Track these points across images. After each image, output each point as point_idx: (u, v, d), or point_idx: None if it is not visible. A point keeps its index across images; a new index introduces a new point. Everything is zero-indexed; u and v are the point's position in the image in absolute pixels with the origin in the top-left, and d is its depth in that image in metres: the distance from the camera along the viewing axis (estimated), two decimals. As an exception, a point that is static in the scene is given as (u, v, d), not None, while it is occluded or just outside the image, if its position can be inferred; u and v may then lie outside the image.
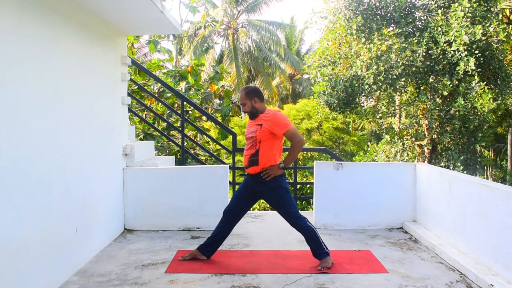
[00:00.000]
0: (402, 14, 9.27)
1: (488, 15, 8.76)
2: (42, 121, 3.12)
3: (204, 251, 3.91)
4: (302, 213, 6.00)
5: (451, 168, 9.43)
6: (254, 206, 13.36)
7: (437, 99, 9.22)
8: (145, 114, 8.42)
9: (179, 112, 6.86)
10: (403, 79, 9.15)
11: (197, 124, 8.44)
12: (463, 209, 3.98)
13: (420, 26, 9.50)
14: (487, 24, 8.50)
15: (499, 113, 13.25)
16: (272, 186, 3.68)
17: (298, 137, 3.62)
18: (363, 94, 9.56)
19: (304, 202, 12.86)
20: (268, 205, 12.90)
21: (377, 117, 11.02)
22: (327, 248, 3.79)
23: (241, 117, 22.81)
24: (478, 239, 3.69)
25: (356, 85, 9.27)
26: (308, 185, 12.79)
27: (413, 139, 10.27)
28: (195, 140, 8.12)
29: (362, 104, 10.54)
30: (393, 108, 10.77)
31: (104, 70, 4.45)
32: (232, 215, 3.87)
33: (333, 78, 9.55)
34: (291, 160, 3.67)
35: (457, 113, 8.93)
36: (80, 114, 3.76)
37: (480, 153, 11.10)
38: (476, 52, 8.43)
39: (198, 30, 22.23)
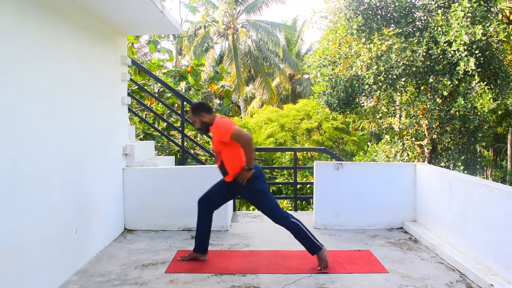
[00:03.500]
0: (402, 14, 9.27)
1: (488, 15, 8.75)
2: (42, 121, 3.12)
3: (201, 251, 3.91)
4: (302, 213, 6.04)
5: (451, 168, 9.42)
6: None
7: (437, 99, 9.21)
8: (145, 114, 8.43)
9: (179, 112, 6.86)
10: (403, 79, 9.14)
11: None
12: (463, 209, 3.98)
13: (420, 26, 9.49)
14: (487, 24, 8.50)
15: (499, 113, 13.24)
16: (248, 190, 3.72)
17: (242, 138, 3.55)
18: (363, 94, 9.56)
19: (304, 202, 12.87)
20: (268, 205, 12.89)
21: (377, 117, 11.01)
22: (318, 241, 3.77)
23: (241, 117, 22.82)
24: (478, 239, 3.69)
25: (356, 85, 9.27)
26: (308, 185, 12.79)
27: (413, 139, 10.27)
28: (195, 140, 8.11)
29: (362, 104, 10.54)
30: (393, 108, 10.77)
31: (104, 70, 4.45)
32: (206, 204, 3.90)
33: (333, 78, 9.54)
34: (250, 160, 3.61)
35: (457, 113, 8.92)
36: (80, 114, 3.76)
37: (480, 153, 11.08)
38: (476, 52, 8.42)
39: (198, 30, 22.23)
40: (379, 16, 9.49)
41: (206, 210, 3.91)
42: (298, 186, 12.24)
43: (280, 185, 14.96)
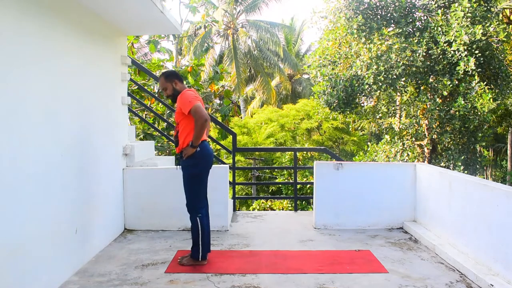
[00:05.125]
0: (402, 14, 9.27)
1: (488, 15, 8.75)
2: (42, 121, 3.12)
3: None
4: (302, 212, 6.03)
5: (451, 168, 9.42)
6: (254, 206, 13.38)
7: (437, 99, 9.21)
8: (145, 114, 8.43)
9: (179, 112, 6.84)
10: (403, 79, 9.14)
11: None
12: (463, 209, 3.98)
13: (420, 26, 9.49)
14: (487, 24, 8.49)
15: (499, 113, 13.24)
16: (184, 166, 3.76)
17: (199, 114, 3.55)
18: (363, 94, 9.55)
19: (304, 202, 12.88)
20: (268, 205, 12.92)
21: (377, 117, 11.01)
22: (204, 254, 3.76)
23: (241, 117, 22.81)
24: (478, 239, 3.69)
25: (356, 85, 9.27)
26: (308, 185, 12.80)
27: (413, 139, 10.27)
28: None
29: (362, 104, 10.54)
30: (393, 108, 10.77)
31: (104, 70, 4.45)
32: None
33: (333, 78, 9.54)
34: (196, 138, 3.62)
35: (457, 113, 8.92)
36: (80, 114, 3.76)
37: (480, 153, 11.06)
38: (476, 52, 8.42)
39: (198, 30, 22.23)
40: (379, 16, 9.49)
41: None
42: (298, 186, 12.24)
43: (280, 185, 14.99)
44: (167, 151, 7.95)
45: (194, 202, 3.76)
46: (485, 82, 8.87)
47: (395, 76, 8.75)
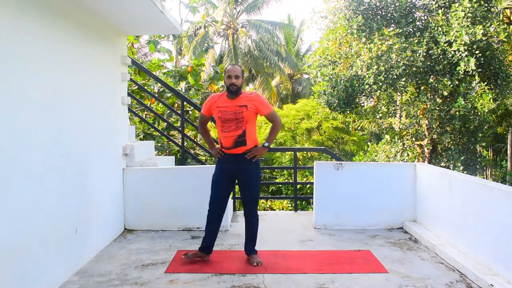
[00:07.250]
0: (402, 14, 9.26)
1: (489, 15, 8.75)
2: (42, 121, 3.12)
3: (208, 251, 3.91)
4: (302, 212, 6.04)
5: (451, 168, 9.42)
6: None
7: (437, 99, 9.21)
8: (145, 114, 8.43)
9: (179, 112, 6.86)
10: (404, 79, 9.14)
11: (197, 124, 8.42)
12: (463, 209, 3.99)
13: (421, 26, 9.49)
14: (488, 24, 8.49)
15: (499, 113, 13.24)
16: (253, 168, 3.77)
17: (279, 119, 3.86)
18: (364, 94, 9.55)
19: (304, 202, 12.87)
20: (268, 205, 12.91)
21: (377, 117, 11.01)
22: None
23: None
24: (478, 239, 3.69)
25: (357, 85, 9.27)
26: (308, 185, 12.79)
27: (413, 139, 10.27)
28: (195, 140, 8.11)
29: (362, 104, 10.53)
30: (393, 108, 10.77)
31: (104, 70, 4.45)
32: (219, 205, 3.87)
33: (333, 78, 9.54)
34: (272, 140, 3.82)
35: (457, 113, 8.92)
36: (80, 114, 3.76)
37: (480, 153, 11.05)
38: (477, 52, 8.42)
39: (198, 30, 22.22)
40: (379, 16, 9.49)
41: (219, 211, 3.88)
42: (298, 186, 12.22)
43: (280, 185, 14.97)
44: (167, 151, 7.95)
45: (257, 203, 3.89)
46: (485, 82, 8.87)
47: (395, 76, 8.75)
